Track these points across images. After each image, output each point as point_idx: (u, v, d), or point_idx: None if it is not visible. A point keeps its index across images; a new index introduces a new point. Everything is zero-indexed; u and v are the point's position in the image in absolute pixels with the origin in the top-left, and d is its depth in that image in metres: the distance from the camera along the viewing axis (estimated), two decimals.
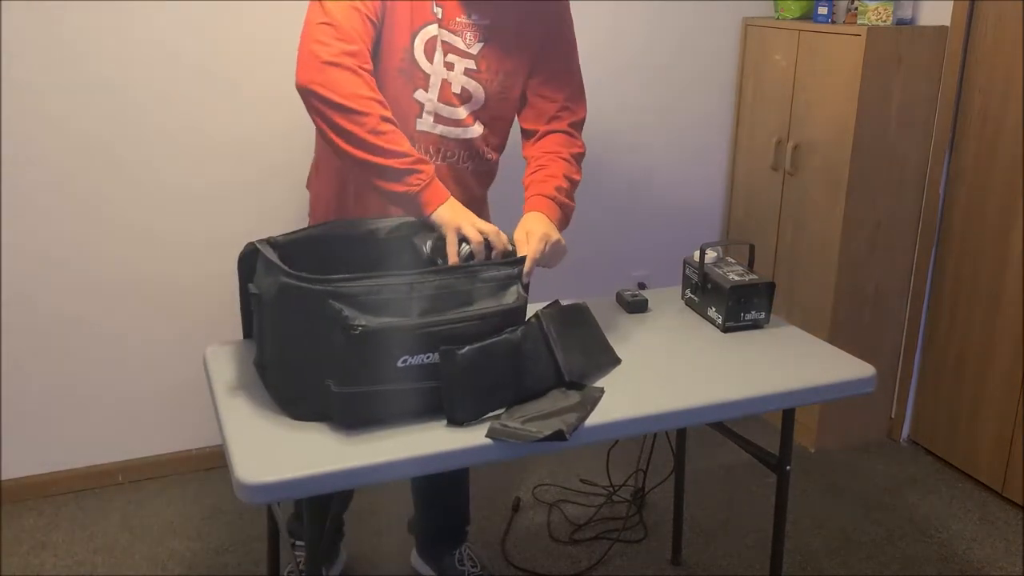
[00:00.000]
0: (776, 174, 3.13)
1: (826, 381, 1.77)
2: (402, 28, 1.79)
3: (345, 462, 1.42)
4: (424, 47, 1.81)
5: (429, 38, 1.81)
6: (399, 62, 1.81)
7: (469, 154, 1.94)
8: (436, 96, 1.85)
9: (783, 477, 1.97)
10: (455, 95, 1.87)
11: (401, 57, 1.80)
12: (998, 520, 2.73)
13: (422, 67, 1.82)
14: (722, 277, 1.99)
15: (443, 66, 1.83)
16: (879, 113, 2.80)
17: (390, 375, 1.47)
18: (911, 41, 2.79)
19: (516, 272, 1.62)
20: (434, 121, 1.87)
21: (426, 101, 1.84)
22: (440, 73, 1.84)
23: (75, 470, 2.77)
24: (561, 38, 1.97)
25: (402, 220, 1.80)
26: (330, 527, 2.15)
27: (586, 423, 1.55)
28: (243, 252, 1.68)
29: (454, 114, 1.88)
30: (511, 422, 1.51)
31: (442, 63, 1.83)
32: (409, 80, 1.82)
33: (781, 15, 3.13)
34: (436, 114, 1.86)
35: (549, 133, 2.00)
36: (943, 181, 2.93)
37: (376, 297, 1.47)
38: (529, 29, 1.91)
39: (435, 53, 1.82)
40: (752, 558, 2.53)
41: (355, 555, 2.47)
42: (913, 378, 3.13)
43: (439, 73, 1.84)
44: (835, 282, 2.92)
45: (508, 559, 2.48)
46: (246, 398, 1.61)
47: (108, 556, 2.47)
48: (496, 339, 1.52)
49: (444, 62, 1.83)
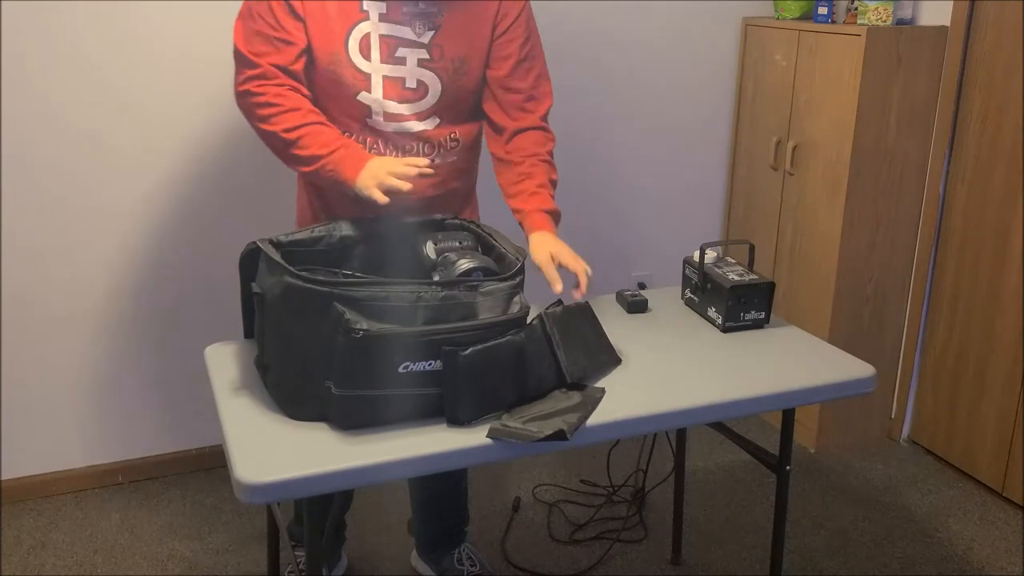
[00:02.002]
0: (776, 174, 3.13)
1: (826, 381, 1.77)
2: (332, 31, 1.77)
3: (345, 462, 1.42)
4: (359, 47, 1.78)
5: (363, 36, 1.78)
6: (330, 66, 1.78)
7: (431, 147, 1.90)
8: (380, 95, 1.81)
9: (783, 477, 1.97)
10: (410, 90, 1.82)
11: (331, 60, 1.78)
12: (998, 520, 2.74)
13: (360, 68, 1.79)
14: (722, 277, 1.99)
15: (384, 62, 1.79)
16: (879, 113, 2.81)
17: (391, 380, 1.47)
18: (911, 41, 2.79)
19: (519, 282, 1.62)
20: (385, 120, 1.83)
21: (371, 102, 1.81)
22: (381, 70, 1.80)
23: (75, 470, 2.77)
24: (517, 21, 1.91)
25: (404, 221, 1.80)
26: (330, 529, 2.15)
27: (586, 423, 1.55)
28: (245, 251, 1.68)
29: (404, 110, 1.84)
30: (512, 422, 1.51)
31: (379, 60, 1.79)
32: (347, 83, 1.79)
33: (781, 15, 3.13)
34: (385, 112, 1.82)
35: (521, 131, 1.97)
36: (943, 181, 2.93)
37: (382, 303, 1.47)
38: (481, 12, 1.86)
39: (371, 51, 1.78)
40: (752, 558, 2.53)
41: (355, 556, 2.47)
42: (913, 378, 3.13)
43: (379, 71, 1.80)
44: (835, 282, 2.92)
45: (508, 559, 2.48)
46: (246, 398, 1.61)
47: (108, 556, 2.47)
48: (499, 340, 1.52)
49: (393, 56, 1.79)
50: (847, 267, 2.92)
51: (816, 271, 3.00)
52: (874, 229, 2.93)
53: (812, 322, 3.02)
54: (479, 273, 1.61)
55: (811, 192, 2.98)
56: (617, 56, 3.07)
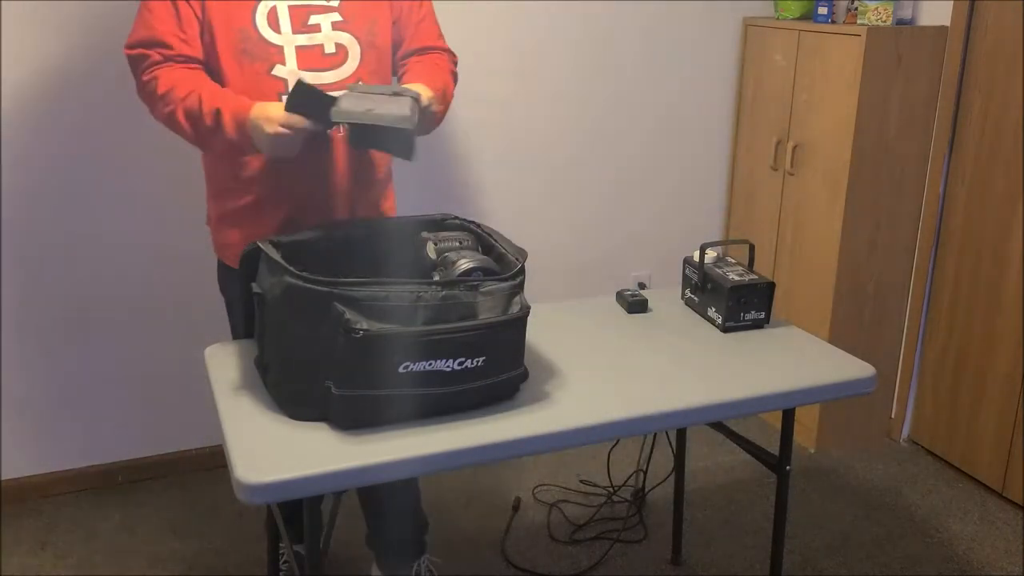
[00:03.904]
0: (776, 174, 3.13)
1: (826, 381, 1.77)
2: (235, 7, 1.74)
3: (345, 462, 1.42)
4: (267, 19, 1.76)
5: (269, 10, 1.76)
6: (240, 43, 1.75)
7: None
8: (295, 65, 1.78)
9: (783, 477, 1.97)
10: (329, 56, 1.80)
11: (240, 37, 1.75)
12: (998, 520, 2.74)
13: (271, 40, 1.76)
14: (722, 277, 1.99)
15: (298, 32, 1.77)
16: (879, 113, 2.81)
17: (391, 380, 1.47)
18: (911, 41, 2.79)
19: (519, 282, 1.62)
20: None
21: (287, 75, 1.77)
22: (294, 41, 1.77)
23: (75, 470, 2.77)
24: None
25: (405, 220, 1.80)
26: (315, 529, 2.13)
27: (587, 423, 1.56)
28: (245, 251, 1.68)
29: (328, 79, 1.80)
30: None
31: (291, 31, 1.76)
32: (259, 58, 1.76)
33: (781, 15, 3.13)
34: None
35: (429, 51, 1.99)
36: (943, 181, 2.93)
37: (382, 303, 1.47)
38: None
39: (280, 23, 1.76)
40: (752, 558, 2.53)
41: (354, 555, 2.47)
42: (913, 378, 3.13)
43: (292, 42, 1.77)
44: (835, 282, 2.92)
45: (508, 559, 2.48)
46: (246, 398, 1.61)
47: (108, 556, 2.47)
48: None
49: (306, 24, 1.77)
50: (847, 267, 2.92)
51: (816, 271, 3.00)
52: (874, 229, 2.93)
53: (812, 322, 3.02)
54: (479, 273, 1.61)
55: (811, 192, 2.98)
56: (617, 56, 3.07)
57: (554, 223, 3.14)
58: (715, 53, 3.22)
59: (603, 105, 3.11)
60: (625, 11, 3.04)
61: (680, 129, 3.26)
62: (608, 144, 3.16)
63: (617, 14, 3.03)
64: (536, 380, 1.71)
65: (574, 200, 3.16)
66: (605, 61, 3.06)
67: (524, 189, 3.07)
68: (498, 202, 3.06)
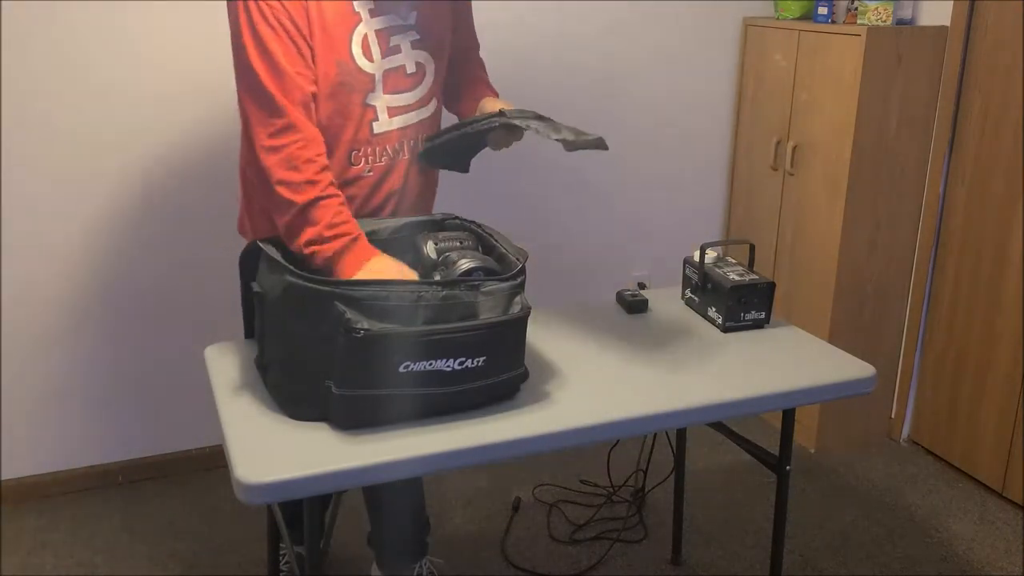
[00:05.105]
0: (776, 174, 3.13)
1: (826, 381, 1.77)
2: (333, 40, 1.70)
3: (345, 462, 1.42)
4: (362, 49, 1.74)
5: (362, 38, 1.74)
6: (337, 76, 1.71)
7: (429, 135, 1.89)
8: (383, 90, 1.77)
9: (783, 477, 1.97)
10: (410, 76, 1.80)
11: (338, 71, 1.71)
12: (998, 520, 2.74)
13: (365, 70, 1.74)
14: (722, 277, 1.99)
15: (385, 57, 1.76)
16: (879, 113, 2.81)
17: (391, 380, 1.47)
18: (911, 41, 2.79)
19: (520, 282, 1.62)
20: (390, 116, 1.80)
21: (375, 101, 1.77)
22: (383, 65, 1.76)
23: (75, 470, 2.77)
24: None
25: (405, 221, 1.80)
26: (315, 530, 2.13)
27: (587, 423, 1.56)
28: (245, 251, 1.68)
29: (408, 99, 1.81)
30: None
31: (380, 56, 1.75)
32: (356, 89, 1.74)
33: (781, 15, 3.13)
34: (390, 108, 1.79)
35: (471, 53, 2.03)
36: (943, 181, 2.93)
37: (382, 303, 1.47)
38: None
39: (371, 49, 1.75)
40: (752, 558, 2.53)
41: (354, 556, 2.47)
42: (913, 378, 3.13)
43: (381, 67, 1.76)
44: (835, 282, 2.92)
45: (508, 559, 2.48)
46: (246, 398, 1.61)
47: (108, 556, 2.47)
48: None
49: (389, 48, 1.76)
50: (847, 267, 2.92)
51: (816, 271, 3.00)
52: (874, 229, 2.93)
53: (812, 322, 3.02)
54: (480, 273, 1.61)
55: (811, 192, 2.98)
56: (618, 56, 3.07)
57: (554, 223, 3.14)
58: (715, 53, 3.22)
59: (603, 105, 3.10)
60: (625, 11, 3.04)
61: (680, 129, 3.26)
62: (608, 144, 3.16)
63: (617, 14, 3.03)
64: (536, 380, 1.71)
65: (574, 200, 3.16)
66: (605, 61, 3.06)
67: (524, 189, 3.07)
68: (498, 202, 3.06)
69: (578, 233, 3.20)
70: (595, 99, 3.09)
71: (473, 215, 3.00)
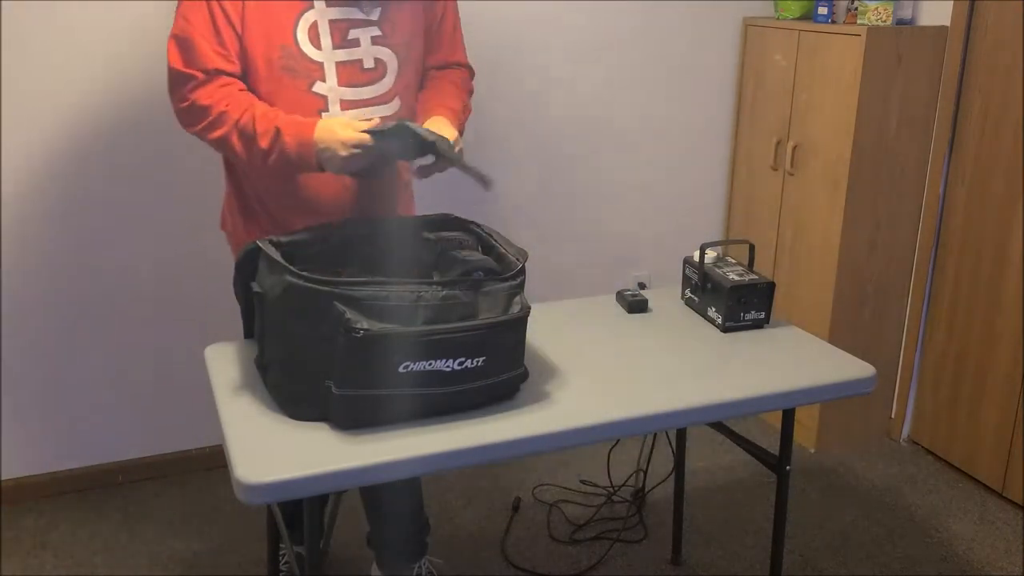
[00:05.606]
0: (776, 174, 3.13)
1: (826, 381, 1.77)
2: (278, 24, 1.71)
3: (345, 462, 1.42)
4: (308, 35, 1.73)
5: (310, 25, 1.73)
6: (280, 60, 1.73)
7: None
8: (335, 82, 1.76)
9: (783, 477, 1.97)
10: (368, 71, 1.79)
11: (282, 54, 1.72)
12: (998, 520, 2.74)
13: (312, 57, 1.74)
14: (722, 277, 1.99)
15: (338, 47, 1.75)
16: (879, 113, 2.81)
17: (391, 380, 1.47)
18: (911, 41, 2.79)
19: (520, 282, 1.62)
20: (342, 108, 1.78)
21: (327, 92, 1.76)
22: (334, 57, 1.75)
23: (75, 470, 2.77)
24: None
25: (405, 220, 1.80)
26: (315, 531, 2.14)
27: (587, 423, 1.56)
28: (244, 250, 1.68)
29: (364, 94, 1.79)
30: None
31: (331, 46, 1.74)
32: (301, 75, 1.74)
33: (781, 15, 3.13)
34: (343, 100, 1.78)
35: (451, 67, 2.00)
36: (943, 181, 2.93)
37: (382, 303, 1.47)
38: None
39: (320, 38, 1.74)
40: (752, 558, 2.53)
41: (354, 556, 2.47)
42: (913, 378, 3.13)
43: (332, 57, 1.75)
44: (835, 282, 2.92)
45: (508, 559, 2.48)
46: (246, 398, 1.61)
47: (108, 556, 2.47)
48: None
49: (346, 40, 1.75)
50: (847, 267, 2.92)
51: (816, 271, 3.00)
52: (874, 229, 2.93)
53: (812, 322, 3.02)
54: (480, 273, 1.61)
55: (811, 192, 2.98)
56: (617, 56, 3.07)
57: (554, 223, 3.14)
58: (715, 53, 3.22)
59: (602, 105, 3.11)
60: (625, 11, 3.04)
61: (680, 129, 3.26)
62: (608, 144, 3.16)
63: (617, 14, 3.03)
64: (536, 380, 1.71)
65: (574, 200, 3.16)
66: (605, 61, 3.06)
67: (524, 189, 3.07)
68: (498, 202, 3.06)
69: (578, 233, 3.20)
70: (595, 99, 3.09)
71: (473, 215, 3.01)
